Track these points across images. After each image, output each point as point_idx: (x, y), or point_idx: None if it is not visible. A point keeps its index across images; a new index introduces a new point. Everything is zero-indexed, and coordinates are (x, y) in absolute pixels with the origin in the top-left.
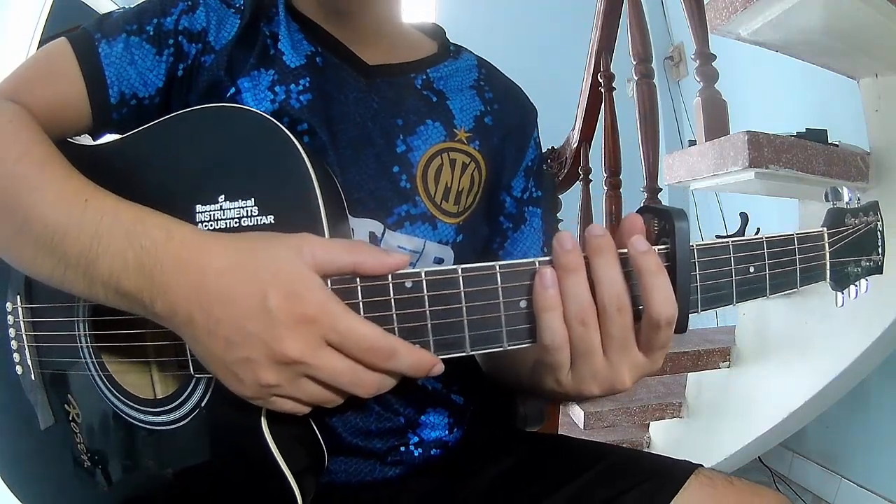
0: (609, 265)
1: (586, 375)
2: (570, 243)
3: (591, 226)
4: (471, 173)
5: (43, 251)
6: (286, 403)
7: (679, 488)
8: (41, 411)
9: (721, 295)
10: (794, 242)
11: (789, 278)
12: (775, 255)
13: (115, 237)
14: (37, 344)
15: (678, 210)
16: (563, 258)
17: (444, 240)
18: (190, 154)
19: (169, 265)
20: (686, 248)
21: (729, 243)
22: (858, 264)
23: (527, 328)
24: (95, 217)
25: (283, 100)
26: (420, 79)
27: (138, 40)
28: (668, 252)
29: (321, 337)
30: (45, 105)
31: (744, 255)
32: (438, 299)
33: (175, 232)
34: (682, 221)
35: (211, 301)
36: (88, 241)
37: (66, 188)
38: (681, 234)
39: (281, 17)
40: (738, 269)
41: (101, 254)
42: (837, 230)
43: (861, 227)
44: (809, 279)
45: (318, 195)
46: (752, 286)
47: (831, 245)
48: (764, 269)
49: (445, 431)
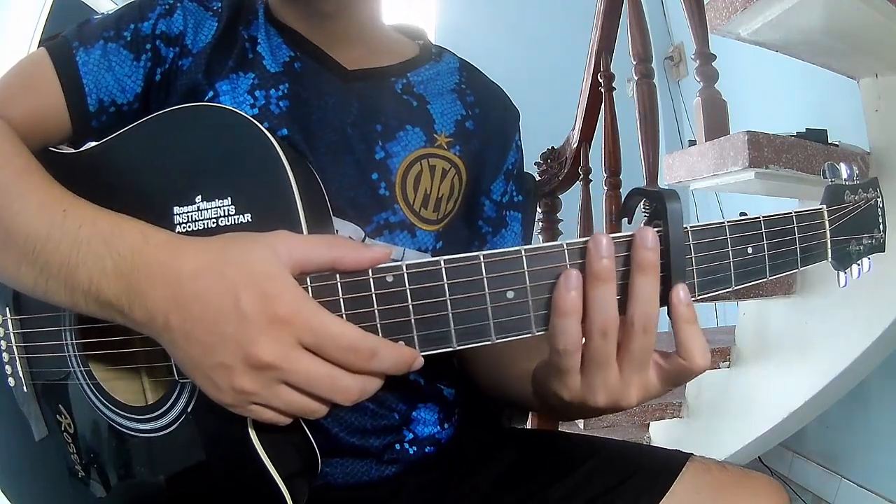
0: (650, 283)
1: (597, 385)
2: (607, 250)
3: (642, 231)
4: (451, 179)
5: (25, 262)
6: (265, 413)
7: (675, 477)
8: (35, 423)
9: (719, 278)
10: (793, 221)
11: (789, 258)
12: (774, 235)
13: (94, 245)
14: (27, 355)
15: (670, 191)
16: (596, 265)
17: (424, 247)
18: (166, 155)
19: (145, 270)
20: (679, 229)
21: (725, 224)
22: (860, 242)
23: (515, 320)
24: (74, 226)
25: (262, 105)
26: (400, 83)
27: (115, 46)
28: (660, 234)
29: (296, 339)
30: (26, 115)
31: (741, 235)
32: (421, 293)
33: (151, 237)
34: (675, 202)
35: (187, 304)
36: (68, 250)
37: (45, 199)
38: (673, 216)
39: (260, 22)
40: (736, 251)
41: (80, 262)
42: (837, 207)
43: (861, 203)
44: (810, 259)
45: (296, 192)
46: (752, 268)
47: (831, 223)
48: (763, 250)
49: (437, 427)
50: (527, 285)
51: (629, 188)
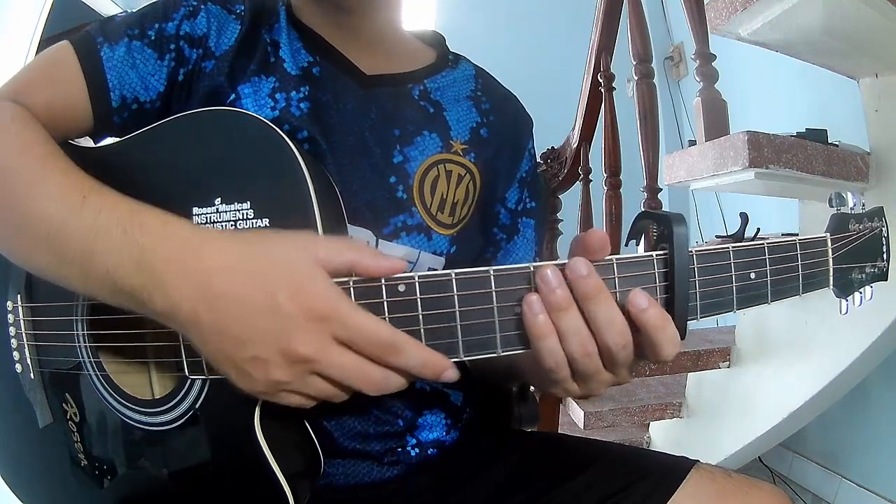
0: (604, 305)
1: (592, 386)
2: (555, 280)
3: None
4: (466, 185)
5: (41, 246)
6: (293, 398)
7: (679, 484)
8: (40, 410)
9: (721, 301)
10: (797, 248)
11: (791, 285)
12: (777, 262)
13: (113, 233)
14: (36, 343)
15: (677, 215)
16: (551, 297)
17: (439, 251)
18: (187, 157)
19: (168, 263)
20: (685, 253)
21: (729, 249)
22: (863, 270)
23: (521, 334)
24: (93, 212)
25: (283, 107)
26: (417, 89)
27: (140, 45)
28: (666, 258)
29: (331, 334)
30: (47, 107)
31: (744, 260)
32: (431, 303)
33: (173, 227)
34: (681, 227)
35: (218, 300)
36: (85, 236)
37: (65, 182)
38: (679, 240)
39: (282, 25)
40: (739, 276)
41: (98, 250)
42: (841, 235)
43: (866, 232)
44: (812, 286)
45: (314, 198)
46: (753, 293)
47: (834, 251)
48: (766, 276)
49: (443, 433)
50: None
51: (629, 188)
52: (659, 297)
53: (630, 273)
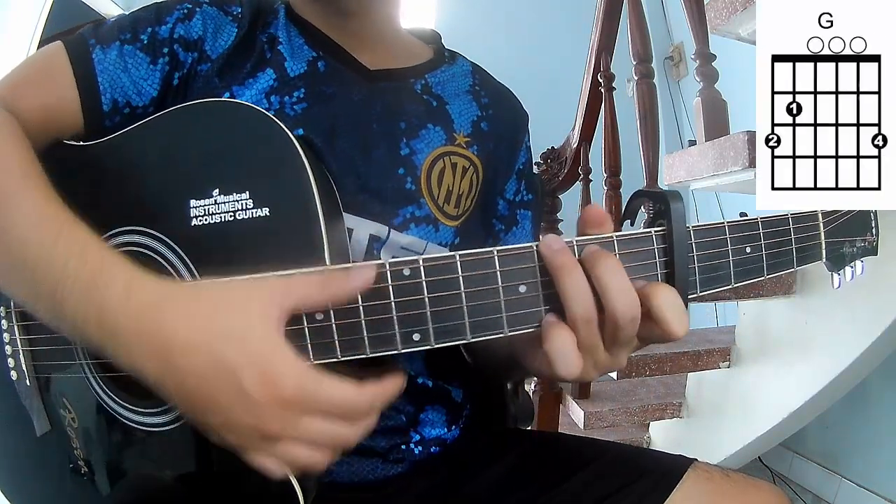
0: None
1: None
2: (558, 243)
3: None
4: (470, 177)
5: (16, 279)
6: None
7: (676, 483)
8: (37, 417)
9: (719, 276)
10: (790, 222)
11: (786, 258)
12: (771, 236)
13: (78, 288)
14: (31, 348)
15: (673, 192)
16: (555, 259)
17: (444, 241)
18: (183, 149)
19: (129, 329)
20: (682, 228)
21: (725, 224)
22: (853, 245)
23: (527, 313)
24: (62, 258)
25: (277, 109)
26: (419, 84)
27: (132, 49)
28: (664, 234)
29: (301, 411)
30: (38, 109)
31: (740, 235)
32: (437, 285)
33: (134, 291)
34: (678, 202)
35: (180, 376)
36: (54, 283)
37: (42, 215)
38: (676, 215)
39: (281, 22)
40: (735, 250)
41: (65, 299)
42: (831, 211)
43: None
44: (806, 259)
45: (314, 186)
46: (750, 266)
47: (825, 225)
48: (761, 250)
49: (444, 429)
50: (538, 279)
51: (629, 188)
52: (659, 272)
53: (631, 249)
